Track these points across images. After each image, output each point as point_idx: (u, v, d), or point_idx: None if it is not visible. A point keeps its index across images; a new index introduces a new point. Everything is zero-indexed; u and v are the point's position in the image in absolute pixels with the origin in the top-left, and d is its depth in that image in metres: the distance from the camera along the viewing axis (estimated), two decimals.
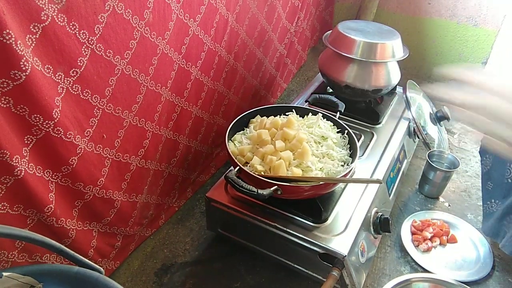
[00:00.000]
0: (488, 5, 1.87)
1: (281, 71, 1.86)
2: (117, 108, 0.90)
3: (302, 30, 1.94)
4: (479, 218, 1.35)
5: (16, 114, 0.70)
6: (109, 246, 1.08)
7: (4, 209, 0.75)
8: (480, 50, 1.98)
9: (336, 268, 0.98)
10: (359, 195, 1.13)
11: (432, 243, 1.24)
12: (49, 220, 0.83)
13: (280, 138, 1.06)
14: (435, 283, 1.05)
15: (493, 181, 1.22)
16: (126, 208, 1.07)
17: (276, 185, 0.93)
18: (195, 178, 1.41)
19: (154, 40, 0.94)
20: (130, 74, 0.90)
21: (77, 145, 0.82)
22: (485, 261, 1.20)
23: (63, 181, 0.85)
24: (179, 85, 1.12)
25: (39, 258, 0.87)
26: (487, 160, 1.25)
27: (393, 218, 1.34)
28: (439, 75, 2.10)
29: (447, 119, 1.51)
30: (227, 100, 1.43)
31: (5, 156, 0.69)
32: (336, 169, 1.04)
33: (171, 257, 1.20)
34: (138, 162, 1.05)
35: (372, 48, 1.31)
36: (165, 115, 1.09)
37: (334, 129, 1.16)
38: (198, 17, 1.08)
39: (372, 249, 1.15)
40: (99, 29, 0.78)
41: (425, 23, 2.04)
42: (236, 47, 1.36)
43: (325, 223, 1.04)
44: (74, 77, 0.77)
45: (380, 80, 1.37)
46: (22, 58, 0.65)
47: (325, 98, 1.31)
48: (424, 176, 1.41)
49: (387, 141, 1.35)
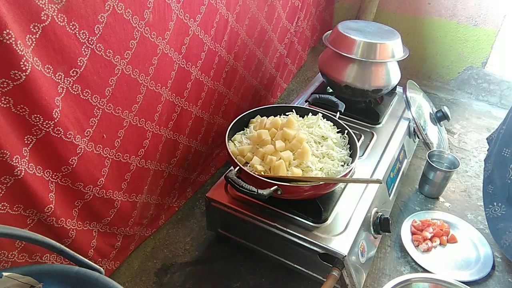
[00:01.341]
0: (488, 5, 1.87)
1: (281, 71, 1.86)
2: (117, 108, 0.90)
3: (302, 30, 1.94)
4: (479, 218, 1.35)
5: (16, 114, 0.70)
6: (109, 246, 1.08)
7: (4, 209, 0.75)
8: (480, 50, 1.98)
9: (336, 268, 0.98)
10: (359, 195, 1.13)
11: (432, 243, 1.24)
12: (49, 220, 0.83)
13: (280, 138, 1.06)
14: (435, 283, 1.05)
15: (494, 184, 1.22)
16: (126, 208, 1.07)
17: (276, 185, 0.93)
18: (195, 178, 1.41)
19: (154, 40, 0.94)
20: (130, 74, 0.90)
21: (77, 145, 0.82)
22: (485, 261, 1.20)
23: (63, 181, 0.85)
24: (179, 85, 1.12)
25: (39, 258, 0.87)
26: (489, 165, 1.26)
27: (393, 218, 1.34)
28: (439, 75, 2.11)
29: (447, 119, 1.51)
30: (227, 100, 1.43)
31: (5, 156, 0.69)
32: (336, 169, 1.04)
33: (171, 257, 1.20)
34: (138, 162, 1.05)
35: (372, 48, 1.31)
36: (165, 115, 1.09)
37: (334, 129, 1.16)
38: (198, 17, 1.08)
39: (372, 249, 1.15)
40: (99, 29, 0.78)
41: (425, 23, 2.04)
42: (236, 47, 1.36)
43: (325, 223, 1.04)
44: (74, 77, 0.77)
45: (380, 80, 1.37)
46: (22, 58, 0.65)
47: (325, 98, 1.31)
48: (424, 176, 1.41)
49: (387, 141, 1.35)
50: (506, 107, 1.98)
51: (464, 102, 2.04)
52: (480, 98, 2.05)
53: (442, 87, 2.13)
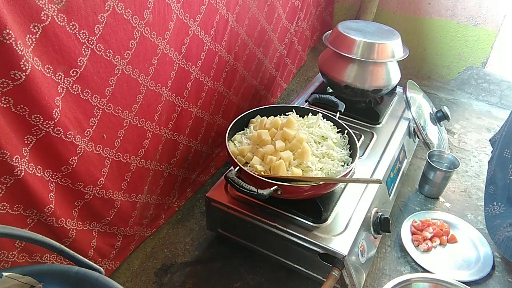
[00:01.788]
0: (488, 5, 1.87)
1: (281, 71, 1.86)
2: (117, 108, 0.90)
3: (302, 30, 1.94)
4: (479, 218, 1.35)
5: (16, 114, 0.70)
6: (109, 246, 1.08)
7: (4, 209, 0.75)
8: (480, 50, 1.98)
9: (336, 268, 0.98)
10: (359, 195, 1.13)
11: (432, 243, 1.24)
12: (49, 220, 0.83)
13: (280, 138, 1.06)
14: (435, 283, 1.05)
15: (496, 185, 1.23)
16: (126, 208, 1.07)
17: (276, 185, 0.93)
18: (195, 178, 1.41)
19: (154, 40, 0.94)
20: (130, 74, 0.90)
21: (77, 145, 0.82)
22: (485, 261, 1.20)
23: (63, 181, 0.85)
24: (179, 85, 1.12)
25: (39, 258, 0.87)
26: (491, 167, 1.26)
27: (393, 218, 1.34)
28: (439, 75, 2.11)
29: (447, 119, 1.51)
30: (227, 100, 1.43)
31: (5, 156, 0.69)
32: (336, 169, 1.04)
33: (171, 257, 1.20)
34: (138, 162, 1.05)
35: (372, 48, 1.31)
36: (165, 115, 1.09)
37: (334, 129, 1.16)
38: (198, 17, 1.08)
39: (372, 249, 1.15)
40: (99, 29, 0.78)
41: (425, 23, 2.04)
42: (236, 47, 1.36)
43: (325, 223, 1.04)
44: (74, 77, 0.77)
45: (380, 80, 1.37)
46: (22, 58, 0.65)
47: (325, 98, 1.31)
48: (424, 176, 1.41)
49: (387, 141, 1.35)
50: (506, 107, 1.98)
51: (464, 102, 2.04)
52: (480, 98, 2.05)
53: (442, 87, 2.13)
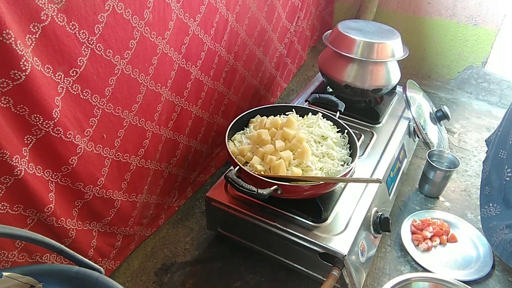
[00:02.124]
0: (488, 4, 1.87)
1: (281, 71, 1.86)
2: (117, 108, 0.90)
3: (302, 29, 1.94)
4: (479, 218, 1.35)
5: (16, 114, 0.70)
6: (109, 246, 1.08)
7: (4, 209, 0.75)
8: (480, 49, 1.98)
9: (336, 268, 0.98)
10: (359, 195, 1.13)
11: (432, 243, 1.24)
12: (49, 220, 0.83)
13: (280, 138, 1.06)
14: (435, 283, 1.05)
15: (491, 186, 1.23)
16: (126, 208, 1.07)
17: (276, 185, 0.93)
18: (195, 178, 1.41)
19: (154, 40, 0.94)
20: (130, 74, 0.90)
21: (77, 145, 0.82)
22: (485, 260, 1.20)
23: (63, 181, 0.85)
24: (179, 84, 1.12)
25: (39, 258, 0.87)
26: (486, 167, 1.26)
27: (393, 217, 1.34)
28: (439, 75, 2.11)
29: (447, 118, 1.51)
30: (227, 100, 1.43)
31: (5, 156, 0.69)
32: (336, 168, 1.04)
33: (171, 257, 1.20)
34: (138, 162, 1.05)
35: (372, 48, 1.31)
36: (165, 114, 1.09)
37: (334, 129, 1.16)
38: (198, 16, 1.08)
39: (372, 248, 1.15)
40: (99, 29, 0.78)
41: (425, 22, 2.04)
42: (236, 47, 1.36)
43: (325, 222, 1.04)
44: (74, 77, 0.77)
45: (380, 79, 1.37)
46: (22, 58, 0.65)
47: (325, 98, 1.31)
48: (424, 176, 1.41)
49: (387, 141, 1.35)
50: (506, 107, 1.97)
51: (464, 101, 2.04)
52: (480, 98, 2.05)
53: (442, 87, 2.13)
